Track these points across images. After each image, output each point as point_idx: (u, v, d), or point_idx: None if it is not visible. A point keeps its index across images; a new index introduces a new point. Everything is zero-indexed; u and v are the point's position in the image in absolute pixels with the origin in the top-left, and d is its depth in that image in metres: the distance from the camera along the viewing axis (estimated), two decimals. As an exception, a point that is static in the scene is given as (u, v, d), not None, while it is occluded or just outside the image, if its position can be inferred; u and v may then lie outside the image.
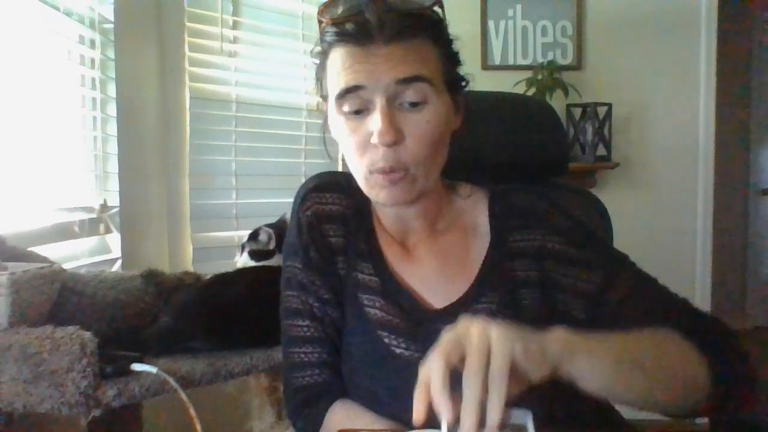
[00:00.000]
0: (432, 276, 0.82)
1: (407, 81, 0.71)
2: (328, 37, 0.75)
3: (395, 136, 0.72)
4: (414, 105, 0.73)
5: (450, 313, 0.79)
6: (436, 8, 0.76)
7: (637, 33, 2.70)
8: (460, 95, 0.80)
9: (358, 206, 0.86)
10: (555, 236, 0.82)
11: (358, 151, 0.75)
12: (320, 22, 0.77)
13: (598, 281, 0.78)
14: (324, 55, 0.77)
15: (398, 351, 0.78)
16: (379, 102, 0.72)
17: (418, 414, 0.53)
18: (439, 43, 0.76)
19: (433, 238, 0.85)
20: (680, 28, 2.71)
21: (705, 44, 2.71)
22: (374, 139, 0.72)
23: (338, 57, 0.74)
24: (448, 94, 0.77)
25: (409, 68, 0.71)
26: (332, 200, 0.86)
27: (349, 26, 0.72)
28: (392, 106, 0.72)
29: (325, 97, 0.80)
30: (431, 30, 0.75)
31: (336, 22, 0.74)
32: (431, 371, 0.53)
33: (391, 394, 0.77)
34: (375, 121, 0.72)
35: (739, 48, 4.24)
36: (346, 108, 0.74)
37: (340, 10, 0.74)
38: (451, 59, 0.79)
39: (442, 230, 0.85)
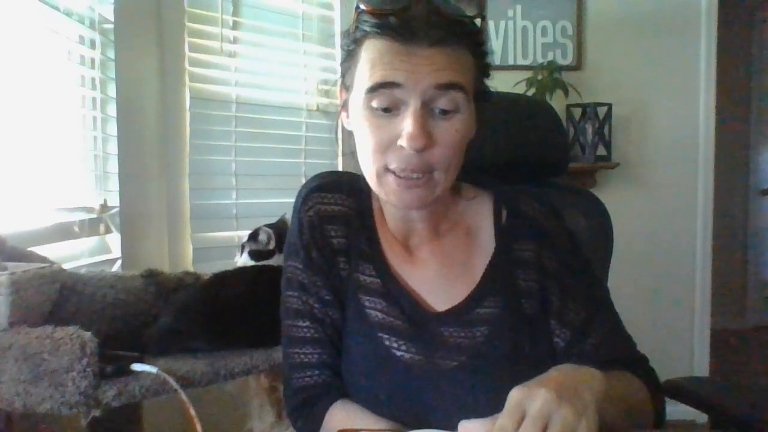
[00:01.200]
0: (434, 279, 0.82)
1: (445, 87, 0.70)
2: (366, 27, 0.73)
3: (425, 142, 0.70)
4: (445, 113, 0.72)
5: (451, 317, 0.79)
6: (478, 20, 0.75)
7: (637, 33, 2.70)
8: (482, 106, 0.79)
9: (361, 207, 0.85)
10: (554, 255, 0.83)
11: (379, 149, 0.73)
12: (357, 8, 0.74)
13: (582, 319, 0.81)
14: (357, 43, 0.75)
15: (399, 353, 0.78)
16: (413, 104, 0.70)
17: None
18: (476, 54, 0.75)
19: (436, 240, 0.84)
20: (680, 28, 2.71)
21: (705, 44, 2.71)
22: (402, 142, 0.71)
23: (375, 49, 0.72)
24: (474, 105, 0.76)
25: (449, 74, 0.70)
26: (334, 200, 0.85)
27: (392, 20, 0.70)
28: (425, 111, 0.71)
29: (347, 87, 0.78)
30: (472, 39, 0.74)
31: (378, 13, 0.71)
32: None
33: (390, 396, 0.77)
34: (407, 124, 0.70)
35: (739, 48, 4.24)
36: (375, 103, 0.72)
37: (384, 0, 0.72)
38: (484, 71, 0.78)
39: (444, 232, 0.85)
